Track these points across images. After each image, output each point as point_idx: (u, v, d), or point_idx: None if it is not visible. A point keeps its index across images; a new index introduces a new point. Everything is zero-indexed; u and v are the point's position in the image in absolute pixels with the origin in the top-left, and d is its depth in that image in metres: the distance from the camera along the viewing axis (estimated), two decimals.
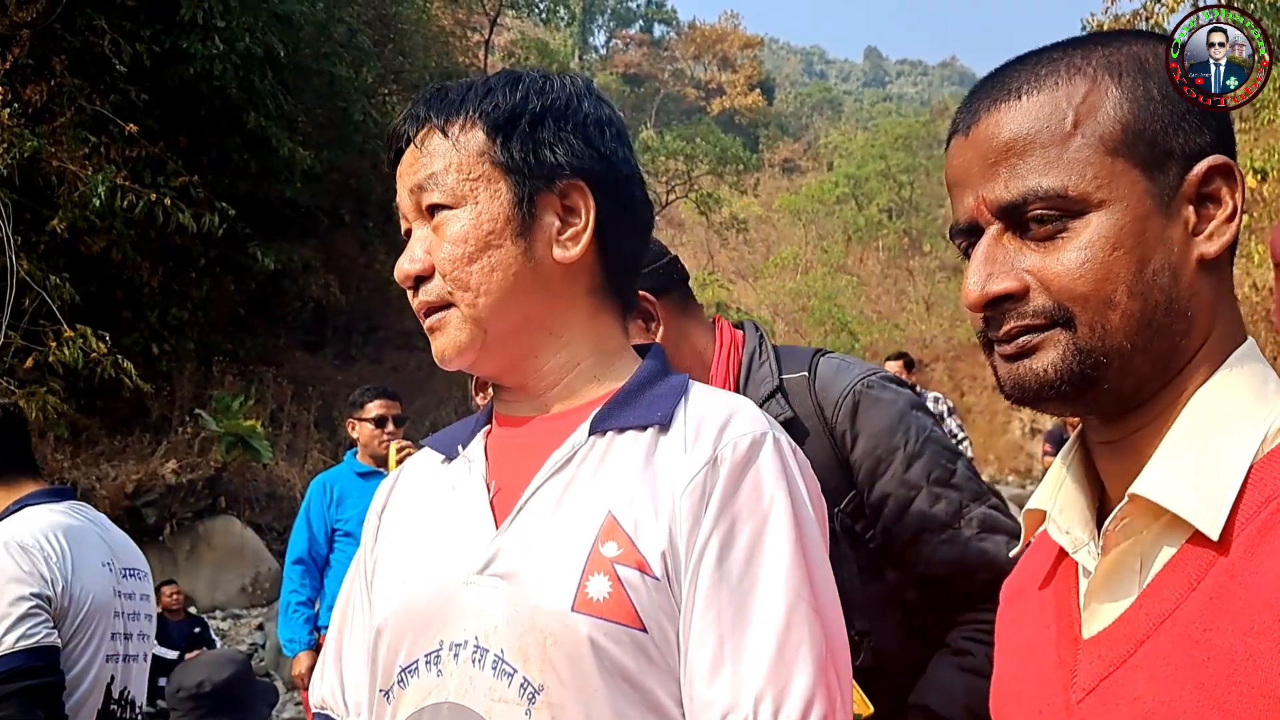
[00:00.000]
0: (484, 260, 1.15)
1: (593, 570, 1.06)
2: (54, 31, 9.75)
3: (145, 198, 9.48)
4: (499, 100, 1.18)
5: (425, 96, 1.23)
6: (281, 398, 12.94)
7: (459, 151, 1.17)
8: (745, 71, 56.61)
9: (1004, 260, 0.85)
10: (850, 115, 64.95)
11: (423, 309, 1.19)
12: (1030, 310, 0.84)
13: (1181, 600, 0.77)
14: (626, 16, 63.43)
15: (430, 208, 1.18)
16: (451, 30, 19.69)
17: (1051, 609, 0.92)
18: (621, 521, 1.08)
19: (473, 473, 1.22)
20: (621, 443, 1.15)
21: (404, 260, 1.18)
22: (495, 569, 1.11)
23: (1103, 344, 0.82)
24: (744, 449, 1.10)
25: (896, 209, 37.60)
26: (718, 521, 1.07)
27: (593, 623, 1.04)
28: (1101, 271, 0.81)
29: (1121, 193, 0.82)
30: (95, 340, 8.64)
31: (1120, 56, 0.86)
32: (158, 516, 9.91)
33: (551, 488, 1.14)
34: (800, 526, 1.09)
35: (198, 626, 8.13)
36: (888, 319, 31.44)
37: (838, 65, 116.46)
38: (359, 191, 14.94)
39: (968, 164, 0.88)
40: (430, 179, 1.17)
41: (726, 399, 1.18)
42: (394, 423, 4.92)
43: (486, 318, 1.16)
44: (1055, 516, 0.91)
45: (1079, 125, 0.84)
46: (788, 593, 1.05)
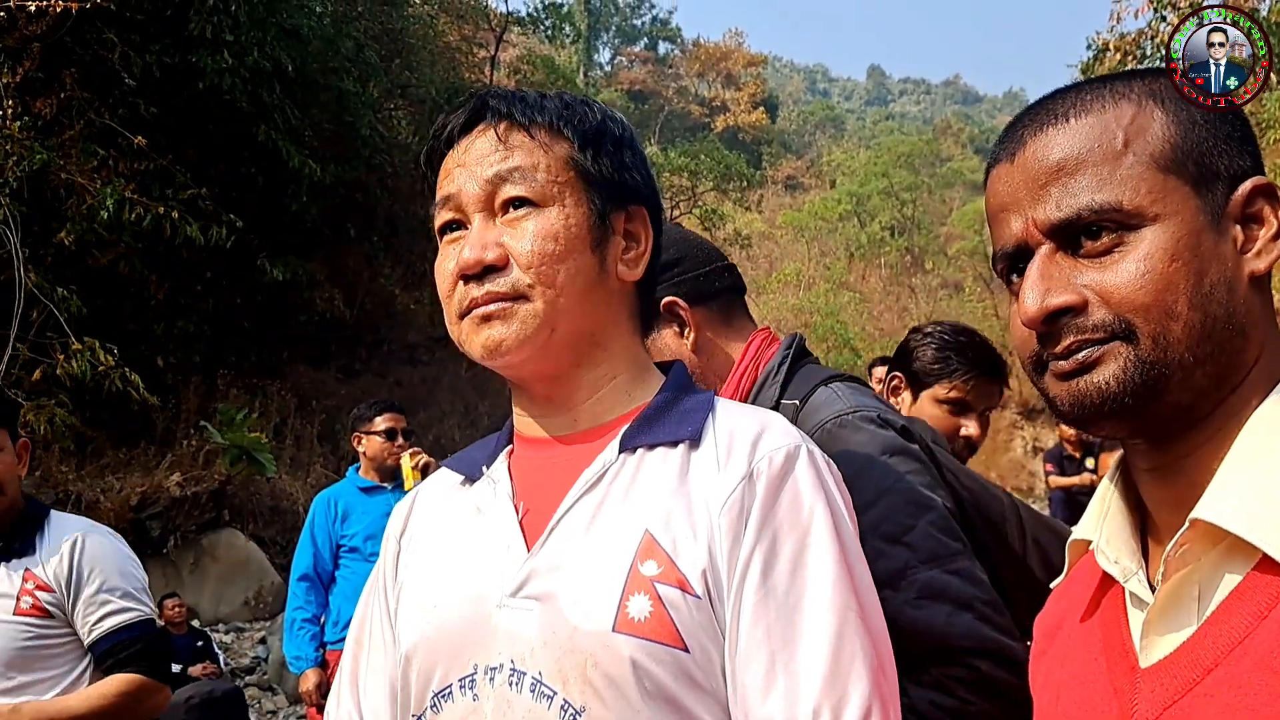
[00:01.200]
0: (570, 262, 1.16)
1: (633, 590, 1.06)
2: (64, 45, 9.79)
3: (153, 210, 9.50)
4: (585, 115, 1.21)
5: (499, 93, 1.21)
6: (285, 411, 12.93)
7: (548, 154, 1.18)
8: (749, 89, 56.72)
9: (1060, 276, 0.85)
10: (853, 133, 65.08)
11: (486, 299, 1.14)
12: (1090, 324, 0.84)
13: (1252, 628, 0.76)
14: (631, 34, 63.63)
15: (511, 200, 1.16)
16: (458, 46, 19.73)
17: (1099, 640, 0.91)
18: (660, 540, 1.08)
19: (499, 494, 1.21)
20: (653, 460, 1.15)
21: (474, 246, 1.15)
22: (529, 591, 1.10)
23: (1165, 355, 0.82)
24: (780, 462, 1.10)
25: (899, 227, 37.62)
26: (759, 537, 1.07)
27: (635, 643, 1.04)
28: (1162, 282, 0.82)
29: (1175, 207, 0.83)
30: (103, 353, 8.65)
31: (1160, 85, 0.87)
32: (162, 529, 9.90)
33: (583, 507, 1.13)
34: (841, 537, 1.09)
35: (200, 640, 8.10)
36: (890, 336, 31.38)
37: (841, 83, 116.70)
38: (365, 205, 14.96)
39: (1014, 188, 0.89)
40: (516, 172, 1.16)
41: (756, 414, 1.18)
42: (403, 436, 4.94)
43: (560, 318, 1.15)
44: (1102, 546, 0.90)
45: (1129, 144, 0.84)
46: (836, 604, 1.05)
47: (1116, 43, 14.26)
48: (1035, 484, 24.36)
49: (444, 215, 1.20)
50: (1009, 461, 27.33)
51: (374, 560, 4.98)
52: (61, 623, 2.51)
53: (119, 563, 2.62)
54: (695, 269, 1.78)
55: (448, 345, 5.99)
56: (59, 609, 2.51)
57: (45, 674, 2.48)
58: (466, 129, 1.21)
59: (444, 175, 1.21)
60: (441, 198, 1.20)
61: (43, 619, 2.48)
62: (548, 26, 25.20)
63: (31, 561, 2.52)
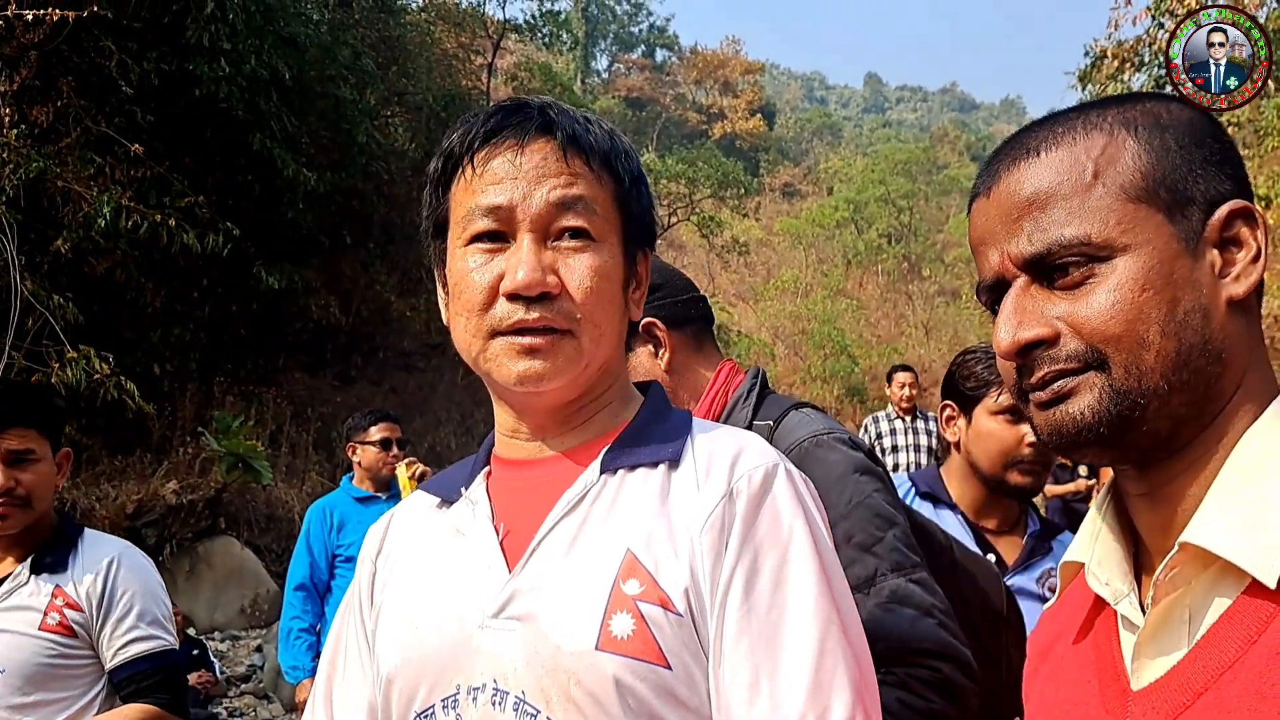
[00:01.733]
0: (613, 303, 1.17)
1: (616, 608, 1.06)
2: (61, 53, 9.80)
3: (150, 218, 9.50)
4: (629, 153, 1.20)
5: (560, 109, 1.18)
6: (281, 418, 12.93)
7: (602, 188, 1.17)
8: (746, 96, 56.78)
9: (1033, 309, 0.87)
10: (850, 141, 65.17)
11: (540, 323, 1.12)
12: (1063, 355, 0.85)
13: (1242, 653, 0.76)
14: (629, 41, 63.71)
15: (570, 230, 1.14)
16: (455, 53, 19.75)
17: (1092, 662, 0.91)
18: (641, 559, 1.08)
19: (478, 515, 1.21)
20: (634, 480, 1.15)
21: (533, 268, 1.11)
22: (511, 611, 1.11)
23: (1139, 384, 0.82)
24: (759, 481, 1.11)
25: (896, 234, 37.66)
26: (740, 555, 1.08)
27: (618, 661, 1.04)
28: (1133, 312, 0.82)
29: (1146, 236, 0.83)
30: (98, 361, 8.65)
31: (1135, 113, 0.88)
32: (158, 537, 9.89)
33: (565, 528, 1.14)
34: (820, 553, 1.10)
35: (196, 648, 8.09)
36: (887, 343, 31.41)
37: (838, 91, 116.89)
38: (361, 213, 14.97)
39: (990, 223, 0.90)
40: (581, 201, 1.14)
41: (734, 434, 1.20)
42: (397, 445, 4.95)
43: (596, 354, 1.16)
44: (1094, 568, 0.91)
45: (1099, 175, 0.85)
46: (818, 619, 1.06)
47: (1114, 50, 14.28)
48: None
49: (482, 223, 1.14)
50: None
51: None
52: (85, 644, 2.48)
53: (152, 588, 2.60)
54: (675, 295, 1.91)
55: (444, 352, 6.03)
56: (85, 629, 2.47)
57: (60, 694, 2.43)
58: (524, 136, 1.15)
59: (489, 179, 1.14)
60: (487, 205, 1.14)
61: (67, 637, 2.44)
62: (545, 34, 25.21)
63: (63, 578, 2.48)
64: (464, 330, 1.17)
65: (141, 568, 2.62)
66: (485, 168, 1.15)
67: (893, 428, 7.87)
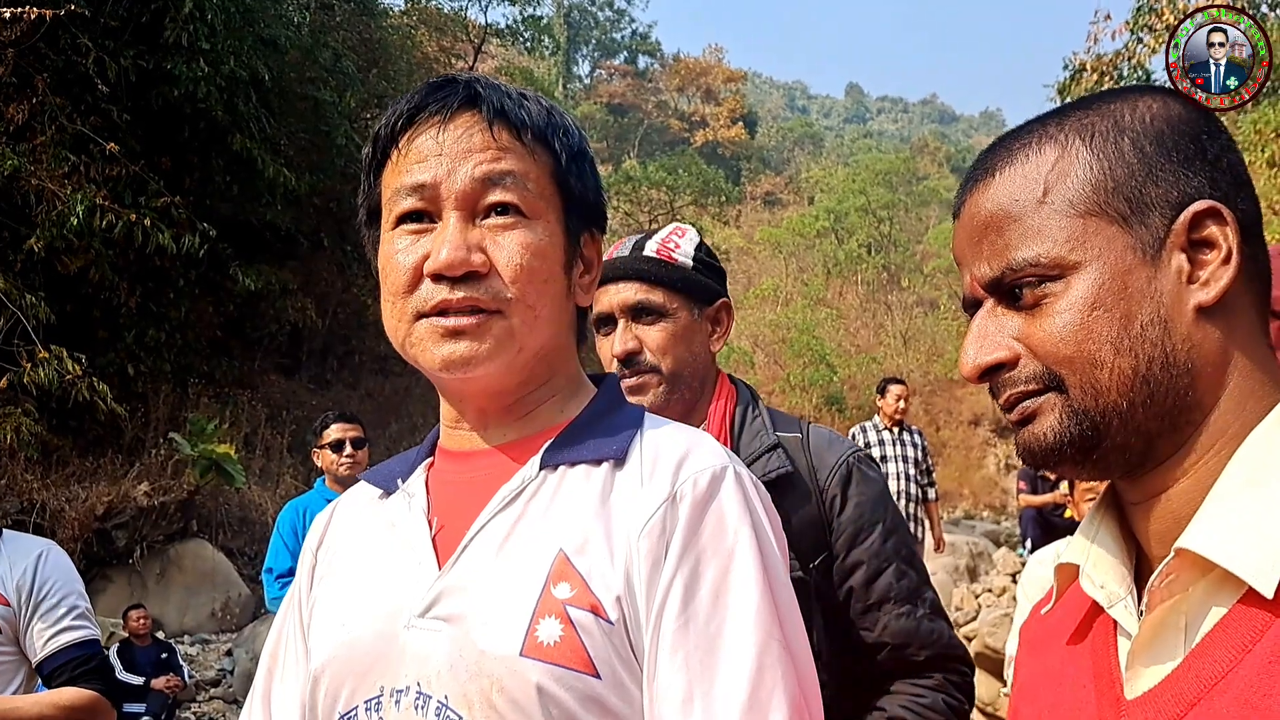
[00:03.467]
0: (549, 282, 1.10)
1: (544, 613, 1.01)
2: (37, 50, 9.72)
3: (125, 218, 9.43)
4: (569, 129, 1.15)
5: (488, 84, 1.13)
6: (255, 421, 12.85)
7: (536, 164, 1.11)
8: (728, 104, 56.99)
9: (995, 332, 0.86)
10: (831, 150, 65.45)
11: (465, 304, 1.06)
12: (1022, 377, 0.85)
13: (1235, 663, 0.74)
14: (611, 47, 63.84)
15: (498, 205, 1.09)
16: (436, 56, 19.74)
17: (1088, 667, 0.90)
18: (574, 561, 1.03)
19: (413, 509, 1.16)
20: (574, 478, 1.09)
21: (457, 247, 1.06)
22: (438, 612, 1.06)
23: (1096, 403, 0.81)
24: (705, 484, 1.05)
25: (876, 244, 37.83)
26: (681, 562, 1.02)
27: (543, 668, 0.99)
28: (1082, 333, 0.81)
29: (1097, 252, 0.82)
30: (70, 361, 8.57)
31: (1095, 117, 0.86)
32: (128, 539, 9.80)
33: (498, 525, 1.08)
34: (766, 563, 1.04)
35: (165, 652, 8.01)
36: (866, 352, 31.55)
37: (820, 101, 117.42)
38: (339, 215, 14.91)
39: (961, 244, 0.91)
40: (509, 175, 1.08)
41: (684, 432, 1.13)
42: (352, 445, 4.88)
43: (530, 337, 1.09)
44: (1089, 571, 0.89)
45: (1049, 193, 0.84)
46: (758, 633, 1.00)
47: (1093, 63, 14.39)
48: (1008, 501, 24.47)
49: (407, 202, 1.09)
50: (982, 478, 27.47)
51: None
52: (9, 639, 2.44)
53: (76, 582, 2.59)
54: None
55: None
56: (10, 624, 2.44)
57: None
58: (449, 113, 1.10)
59: (413, 157, 1.09)
60: (411, 184, 1.09)
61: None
62: (527, 39, 25.25)
63: None
64: (390, 315, 1.12)
65: (67, 563, 2.61)
66: (410, 147, 1.11)
67: (881, 438, 7.87)
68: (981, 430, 28.86)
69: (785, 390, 28.79)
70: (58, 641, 2.46)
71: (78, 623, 2.51)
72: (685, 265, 1.87)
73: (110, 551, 9.53)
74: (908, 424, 8.00)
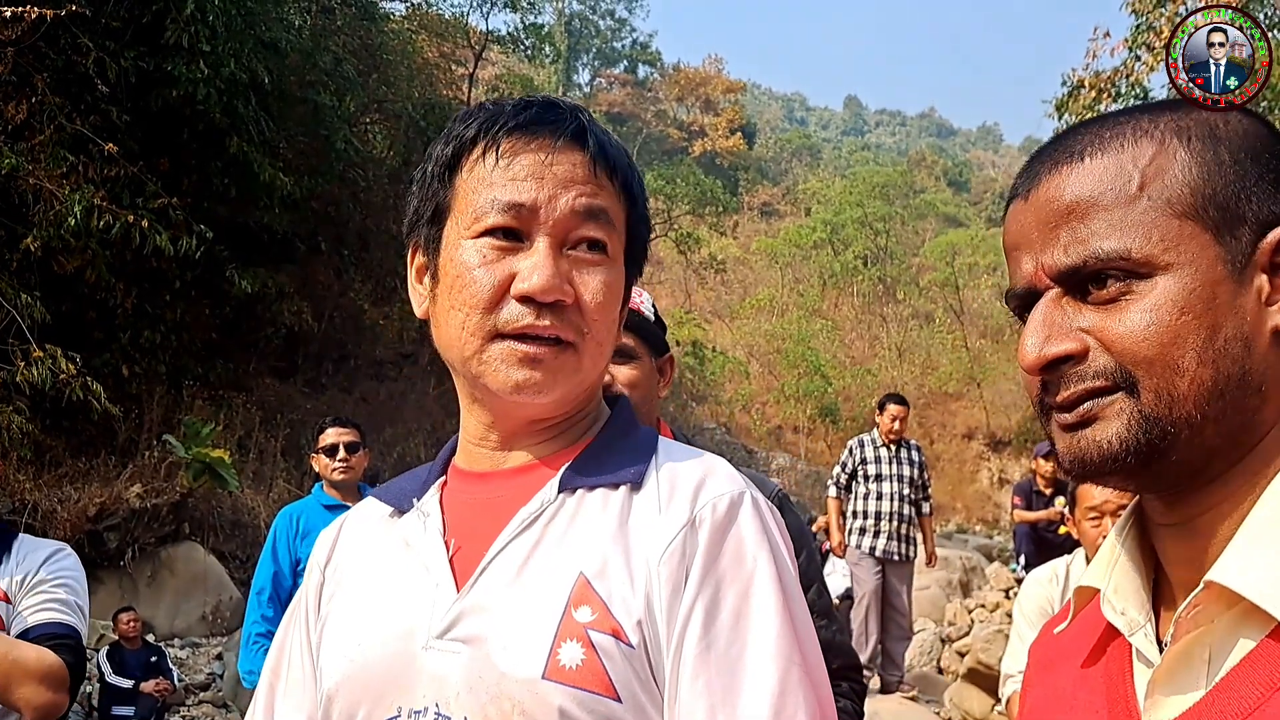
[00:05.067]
0: (615, 322, 1.15)
1: (565, 636, 1.01)
2: (37, 49, 9.70)
3: (122, 219, 9.40)
4: (632, 165, 1.17)
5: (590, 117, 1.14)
6: (250, 424, 12.81)
7: (620, 206, 1.14)
8: (727, 115, 57.07)
9: (1063, 323, 0.82)
10: (829, 162, 65.55)
11: (549, 332, 1.07)
12: (1091, 372, 0.81)
13: (1263, 700, 0.72)
14: (611, 56, 63.95)
15: (589, 240, 1.10)
16: (436, 63, 19.75)
17: (1102, 692, 0.88)
18: (595, 586, 1.04)
19: (429, 529, 1.15)
20: (592, 501, 1.10)
21: (552, 274, 1.06)
22: (457, 633, 1.06)
23: (1170, 412, 0.78)
24: (723, 510, 1.05)
25: (872, 256, 37.87)
26: (701, 587, 1.02)
27: (565, 691, 0.99)
28: (1169, 335, 0.78)
29: (1190, 256, 0.79)
30: (65, 361, 8.54)
31: (1189, 122, 0.83)
32: (119, 541, 9.75)
33: (517, 548, 1.08)
34: (785, 588, 1.05)
35: (155, 655, 7.98)
36: (860, 364, 31.57)
37: (818, 113, 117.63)
38: (337, 219, 14.91)
39: (1026, 228, 0.85)
40: (604, 214, 1.11)
41: (699, 458, 1.14)
42: (346, 450, 4.84)
43: (594, 371, 1.14)
44: (1110, 596, 0.87)
45: (1145, 187, 0.80)
46: (779, 658, 1.01)
47: (1091, 80, 14.40)
48: (1001, 516, 24.47)
49: (501, 218, 1.08)
50: (975, 492, 27.48)
51: None
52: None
53: (79, 583, 2.56)
54: None
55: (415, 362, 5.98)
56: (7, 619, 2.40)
57: None
58: (559, 138, 1.10)
59: (514, 173, 1.09)
60: (509, 200, 1.08)
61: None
62: (527, 46, 25.24)
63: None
64: (459, 327, 1.10)
65: (77, 565, 2.57)
66: (512, 160, 1.09)
67: (878, 455, 7.87)
68: (975, 444, 28.87)
69: (780, 401, 28.80)
70: (45, 615, 2.40)
71: (62, 607, 2.46)
72: (649, 317, 2.12)
73: (101, 553, 9.48)
74: (907, 441, 8.00)
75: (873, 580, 7.72)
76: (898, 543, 7.72)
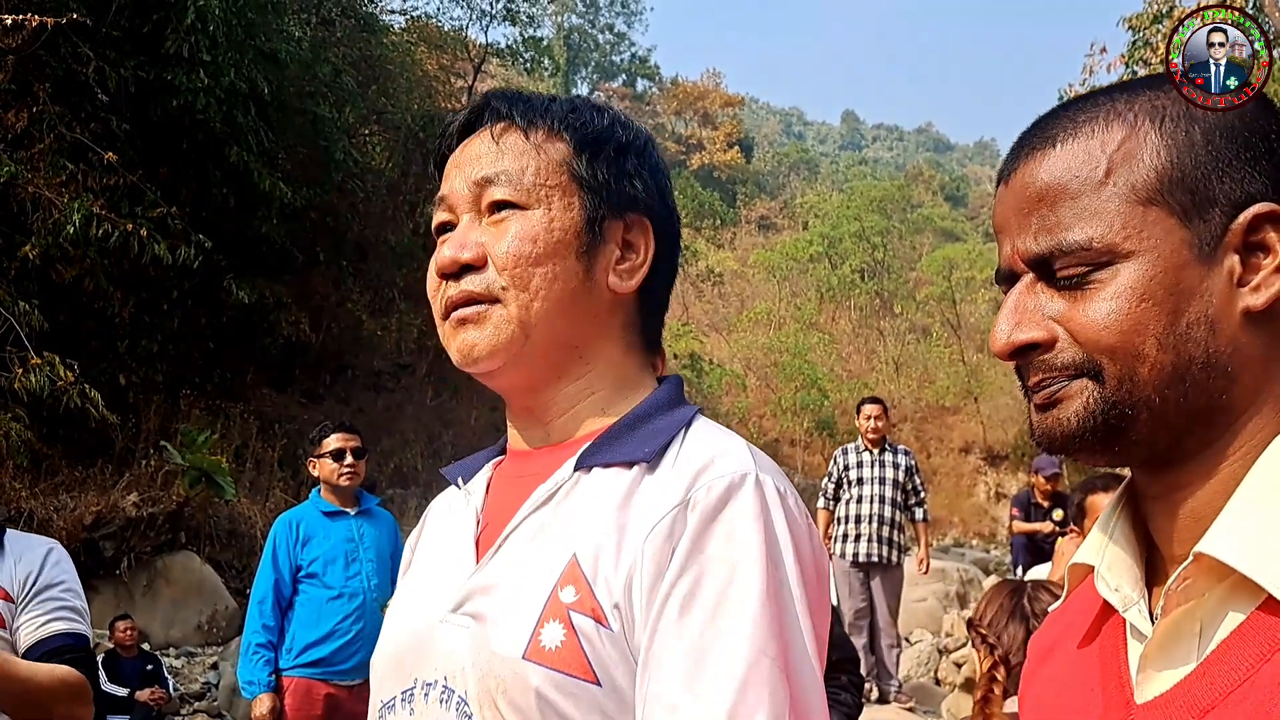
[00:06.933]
0: (549, 266, 1.11)
1: (549, 616, 1.01)
2: (38, 58, 9.73)
3: (121, 227, 9.41)
4: (588, 119, 1.17)
5: (502, 94, 1.19)
6: (247, 434, 12.79)
7: (540, 155, 1.14)
8: (725, 129, 57.18)
9: (1033, 309, 0.84)
10: (826, 176, 65.59)
11: (461, 299, 1.11)
12: (1059, 362, 0.83)
13: (1253, 671, 0.73)
14: (610, 70, 64.14)
15: (495, 204, 1.13)
16: (435, 75, 19.79)
17: (1096, 670, 0.88)
18: (583, 565, 1.02)
19: (468, 505, 1.19)
20: (603, 479, 1.09)
21: (451, 245, 1.12)
22: (467, 609, 1.08)
23: (1130, 396, 0.80)
24: (719, 492, 1.02)
25: (869, 270, 37.86)
26: (684, 571, 0.99)
27: (543, 672, 0.99)
28: (1129, 323, 0.79)
29: (1153, 243, 0.79)
30: (63, 369, 8.53)
31: (1165, 101, 0.83)
32: (116, 550, 9.72)
33: (529, 526, 1.09)
34: (775, 576, 1.00)
35: (150, 664, 7.95)
36: (857, 378, 31.53)
37: (815, 127, 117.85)
38: (335, 230, 14.92)
39: (1006, 212, 0.87)
40: (503, 174, 1.13)
41: (718, 437, 1.11)
42: (353, 455, 4.82)
43: (535, 324, 1.10)
44: (1103, 573, 0.87)
45: (1111, 174, 0.81)
46: (750, 648, 0.96)
47: None
48: (998, 529, 24.45)
49: (439, 216, 1.17)
50: (971, 506, 27.44)
51: (332, 587, 4.88)
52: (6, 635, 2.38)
53: (78, 583, 2.56)
54: None
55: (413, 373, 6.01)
56: (11, 617, 2.38)
57: None
58: (468, 130, 1.18)
59: (444, 176, 1.19)
60: (437, 198, 1.18)
61: None
62: (526, 59, 25.34)
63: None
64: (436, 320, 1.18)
65: (71, 564, 2.57)
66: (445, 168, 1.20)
67: (860, 460, 7.87)
68: (972, 458, 28.85)
69: (777, 414, 28.78)
70: (53, 627, 2.39)
71: (72, 616, 2.47)
72: None
73: (98, 562, 9.46)
74: (892, 443, 8.00)
75: (858, 598, 7.70)
76: (879, 545, 7.67)
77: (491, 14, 23.28)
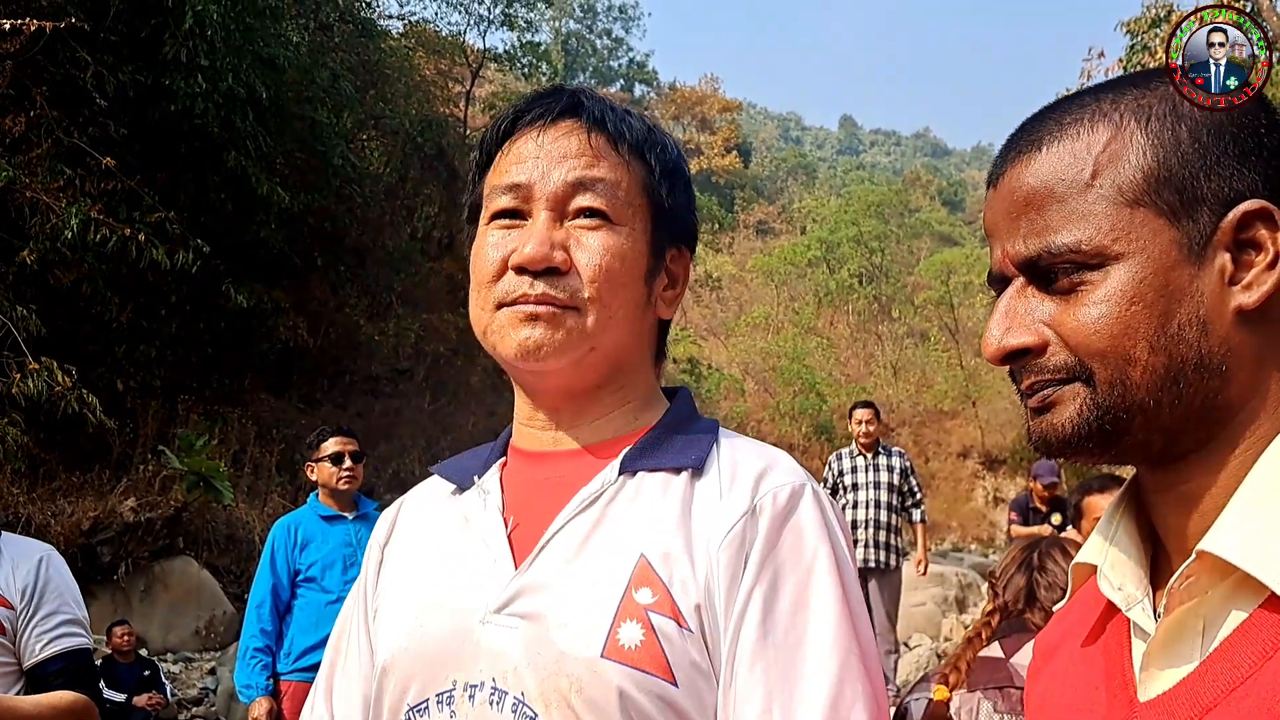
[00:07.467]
0: (627, 286, 1.14)
1: (625, 616, 1.03)
2: (36, 62, 9.72)
3: (119, 232, 9.39)
4: (664, 144, 1.20)
5: (592, 95, 1.19)
6: (245, 439, 12.78)
7: (629, 173, 1.16)
8: (723, 134, 57.33)
9: (1024, 313, 0.84)
10: (824, 181, 65.67)
11: (542, 299, 1.10)
12: (1050, 366, 0.82)
13: (1255, 669, 0.73)
14: (608, 75, 64.21)
15: (586, 210, 1.13)
16: (433, 80, 19.80)
17: (1100, 668, 0.88)
18: (656, 568, 1.05)
19: (489, 506, 1.18)
20: (653, 484, 1.12)
21: (541, 242, 1.10)
22: (515, 609, 1.08)
23: (1123, 400, 0.79)
24: (784, 500, 1.07)
25: (867, 274, 37.93)
26: (760, 574, 1.04)
27: (623, 671, 1.01)
28: (1119, 327, 0.79)
29: (1141, 245, 0.79)
30: (60, 374, 8.52)
31: (1151, 100, 0.82)
32: (113, 555, 9.70)
33: (577, 526, 1.11)
34: (844, 580, 1.06)
35: (148, 669, 7.93)
36: (855, 382, 31.57)
37: (813, 132, 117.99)
38: (333, 235, 14.91)
39: (996, 216, 0.87)
40: (600, 182, 1.13)
41: (761, 448, 1.16)
42: (351, 459, 4.82)
43: (603, 336, 1.13)
44: (1106, 571, 0.87)
45: (1097, 176, 0.80)
46: (839, 648, 1.02)
47: None
48: (996, 534, 24.48)
49: (503, 200, 1.15)
50: (970, 511, 27.47)
51: (330, 591, 4.87)
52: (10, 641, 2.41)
53: (75, 589, 2.57)
54: None
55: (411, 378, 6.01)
56: (13, 626, 2.40)
57: None
58: (551, 120, 1.16)
59: (513, 159, 1.16)
60: (508, 183, 1.15)
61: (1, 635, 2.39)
62: (524, 64, 25.38)
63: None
64: (475, 305, 1.16)
65: (67, 570, 2.59)
66: (511, 149, 1.17)
67: (854, 465, 7.88)
68: (970, 463, 28.87)
69: (775, 418, 28.80)
70: (57, 646, 2.43)
71: (74, 629, 2.48)
72: None
73: (95, 567, 9.44)
74: (886, 447, 8.01)
75: None
76: (875, 549, 7.67)
77: (489, 19, 23.33)
